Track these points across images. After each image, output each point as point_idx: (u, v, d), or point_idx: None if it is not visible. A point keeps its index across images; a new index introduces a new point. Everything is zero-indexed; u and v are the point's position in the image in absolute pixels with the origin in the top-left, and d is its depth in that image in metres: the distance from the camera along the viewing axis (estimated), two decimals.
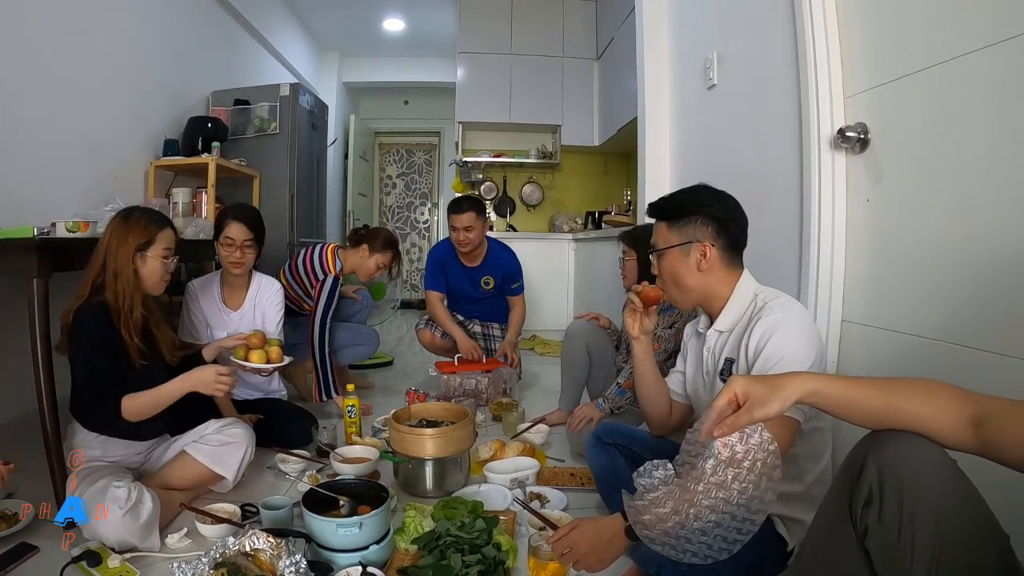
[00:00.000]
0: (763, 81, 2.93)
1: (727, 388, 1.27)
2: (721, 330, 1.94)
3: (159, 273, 2.46)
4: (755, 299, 1.87)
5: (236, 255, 3.18)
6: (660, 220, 1.99)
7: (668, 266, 1.95)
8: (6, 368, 2.95)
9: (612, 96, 6.95)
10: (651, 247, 2.01)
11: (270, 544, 1.79)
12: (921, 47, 2.03)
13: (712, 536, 1.40)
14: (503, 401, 3.76)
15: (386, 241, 4.04)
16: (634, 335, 2.14)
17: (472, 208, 4.21)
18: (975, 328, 1.83)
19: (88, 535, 2.09)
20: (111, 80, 4.12)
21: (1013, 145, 1.72)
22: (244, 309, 3.31)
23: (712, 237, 1.90)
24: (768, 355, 1.70)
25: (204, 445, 2.51)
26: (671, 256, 1.94)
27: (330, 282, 3.79)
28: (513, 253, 4.57)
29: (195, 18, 5.35)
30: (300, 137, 5.55)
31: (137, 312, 2.39)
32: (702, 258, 1.89)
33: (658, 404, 2.20)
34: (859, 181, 2.34)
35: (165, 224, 2.51)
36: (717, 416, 1.27)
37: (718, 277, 1.92)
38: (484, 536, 2.00)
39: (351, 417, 3.20)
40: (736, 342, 1.86)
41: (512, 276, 4.49)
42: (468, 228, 4.19)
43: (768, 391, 1.23)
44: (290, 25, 7.92)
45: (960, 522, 1.08)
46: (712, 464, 1.36)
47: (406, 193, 11.04)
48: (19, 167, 3.29)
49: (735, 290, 1.91)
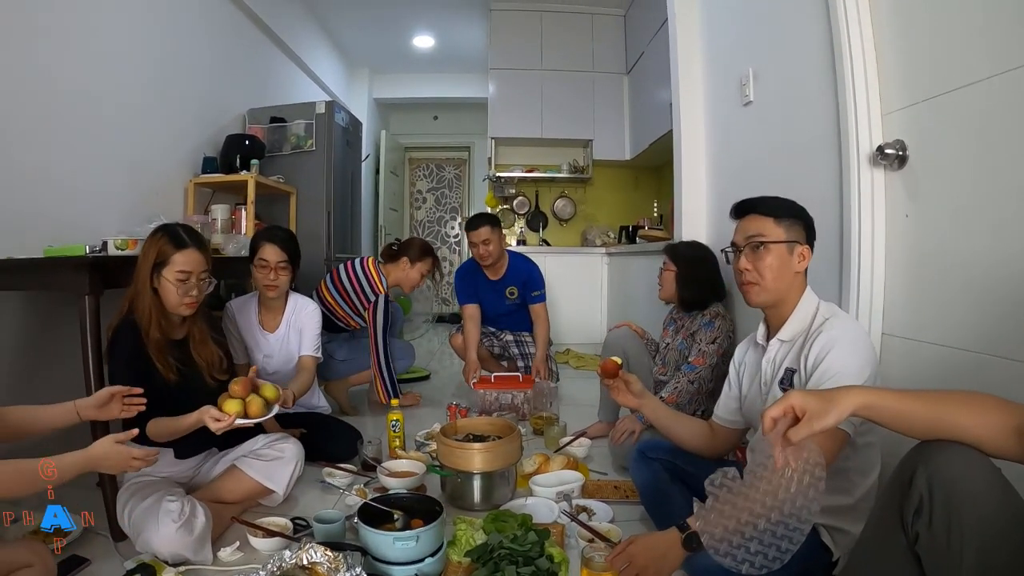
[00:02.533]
0: (800, 98, 2.94)
1: (783, 400, 1.31)
2: (784, 339, 1.96)
3: (174, 295, 2.38)
4: (817, 312, 1.91)
5: (271, 277, 3.22)
6: (762, 215, 1.98)
7: (772, 260, 1.93)
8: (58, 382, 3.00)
9: (643, 110, 6.96)
10: (751, 239, 1.98)
11: (328, 557, 1.83)
12: (957, 65, 2.05)
13: (767, 544, 1.44)
14: (544, 415, 3.79)
15: (422, 249, 4.18)
16: (633, 406, 2.27)
17: (486, 223, 4.38)
18: (1012, 341, 1.84)
19: (141, 548, 2.14)
20: (151, 100, 4.21)
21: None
22: (280, 332, 3.36)
23: (808, 242, 1.96)
24: (824, 369, 1.74)
25: (255, 460, 2.56)
26: (778, 250, 1.94)
27: (382, 301, 3.91)
28: (534, 264, 4.68)
29: (230, 38, 5.45)
30: (336, 154, 5.61)
31: (155, 331, 2.38)
32: (801, 260, 1.94)
33: (693, 440, 2.26)
34: (898, 197, 2.36)
35: (184, 245, 2.41)
36: (771, 424, 1.31)
37: (799, 284, 1.96)
38: (537, 548, 2.02)
39: (395, 431, 3.24)
40: (797, 353, 1.89)
41: (532, 284, 4.58)
42: (486, 241, 4.35)
43: (824, 404, 1.27)
44: (322, 43, 8.02)
45: (1007, 528, 1.13)
46: (769, 474, 1.40)
47: (436, 208, 11.11)
48: (65, 188, 3.37)
49: (802, 300, 1.95)
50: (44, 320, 3.18)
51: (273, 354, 3.33)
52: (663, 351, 3.38)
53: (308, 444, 2.80)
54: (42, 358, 3.15)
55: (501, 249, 4.50)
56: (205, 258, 2.47)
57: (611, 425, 3.37)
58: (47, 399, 2.05)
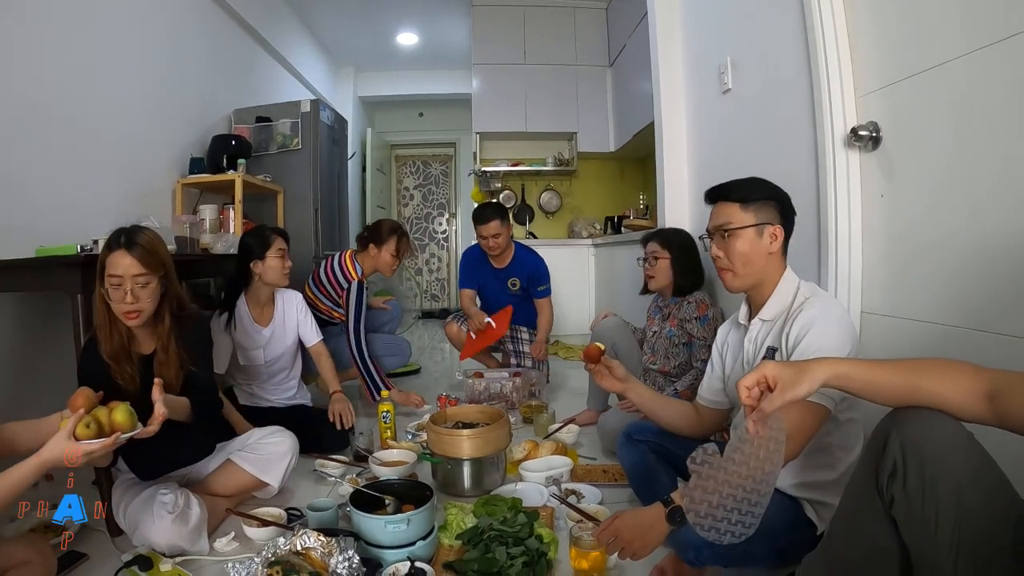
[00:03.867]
0: (776, 84, 3.00)
1: (756, 370, 1.35)
2: (765, 319, 1.99)
3: (115, 302, 2.16)
4: (798, 292, 1.93)
5: (288, 264, 3.37)
6: (730, 201, 2.00)
7: (740, 245, 1.95)
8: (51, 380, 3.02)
9: (626, 102, 7.00)
10: (719, 227, 2.00)
11: (321, 543, 1.86)
12: (929, 46, 2.10)
13: (744, 513, 1.47)
14: (533, 403, 3.82)
15: (389, 230, 4.15)
16: (617, 390, 2.26)
17: (496, 216, 4.38)
18: (988, 313, 1.90)
19: (138, 542, 2.17)
20: (139, 102, 4.23)
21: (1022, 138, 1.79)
22: (275, 323, 3.42)
23: (780, 221, 1.96)
24: (804, 347, 1.76)
25: (249, 454, 2.58)
26: (746, 235, 1.95)
27: (355, 288, 3.91)
28: (540, 258, 4.71)
29: (215, 39, 5.45)
30: (322, 152, 5.62)
31: (106, 343, 2.21)
32: (773, 240, 1.95)
33: (679, 421, 2.27)
34: (873, 177, 2.42)
35: (114, 248, 2.17)
36: (746, 393, 1.35)
37: (776, 264, 1.97)
38: (526, 529, 2.07)
39: (386, 422, 3.27)
40: (778, 332, 1.92)
41: (538, 279, 4.62)
42: (496, 235, 4.38)
43: (796, 374, 1.30)
44: (306, 42, 8.02)
45: (980, 489, 1.16)
46: (744, 446, 1.44)
47: (424, 204, 11.11)
48: (55, 191, 3.38)
49: (782, 280, 1.97)
50: (37, 321, 3.19)
51: (269, 345, 3.39)
52: (650, 339, 3.41)
53: (301, 436, 2.81)
54: (36, 359, 3.16)
55: (509, 240, 4.55)
56: (141, 261, 2.16)
57: (599, 413, 3.41)
58: (41, 400, 2.05)
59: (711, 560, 1.79)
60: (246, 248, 3.35)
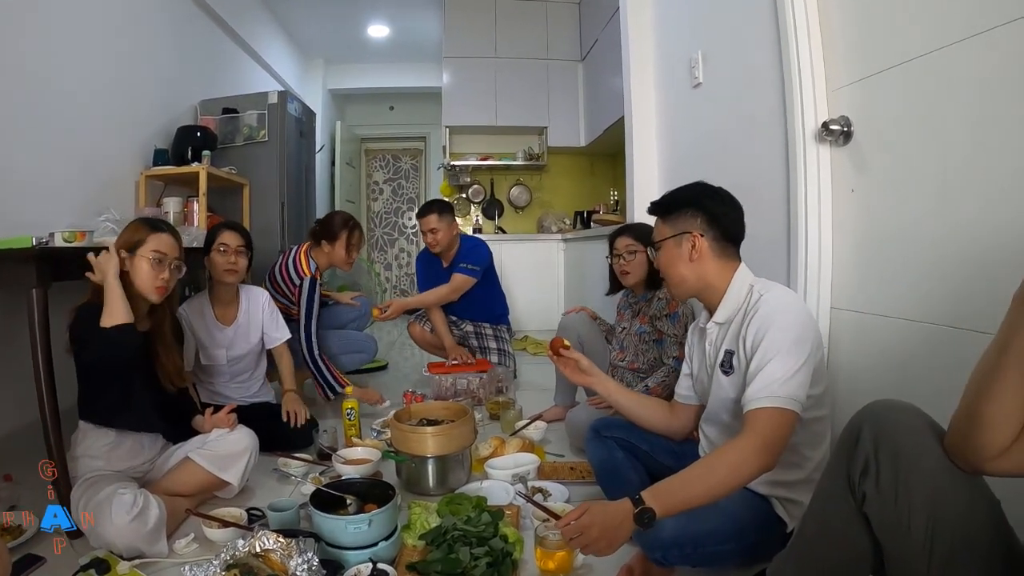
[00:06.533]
0: (748, 78, 2.98)
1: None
2: (720, 322, 1.98)
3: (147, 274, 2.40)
4: (751, 291, 1.91)
5: (231, 260, 3.24)
6: (658, 216, 2.06)
7: (663, 258, 2.01)
8: (7, 379, 2.95)
9: (597, 97, 7.00)
10: (651, 243, 2.08)
11: (280, 544, 1.82)
12: (901, 41, 2.09)
13: None
14: (500, 400, 3.79)
15: (340, 223, 4.06)
16: (584, 383, 2.31)
17: (434, 210, 4.33)
18: (959, 309, 1.89)
19: (95, 543, 2.11)
20: (100, 91, 4.12)
21: (992, 132, 1.79)
22: (239, 322, 3.36)
23: (702, 228, 1.94)
24: (762, 355, 1.74)
25: (207, 451, 2.53)
26: (666, 248, 1.99)
27: (307, 284, 3.83)
28: (482, 243, 4.67)
29: (181, 28, 5.34)
30: (289, 145, 5.55)
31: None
32: (692, 248, 1.94)
33: (652, 419, 2.26)
34: (844, 172, 2.41)
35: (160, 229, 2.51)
36: None
37: (712, 268, 1.95)
38: (491, 529, 2.04)
39: (351, 419, 3.23)
40: (735, 334, 1.90)
41: (464, 256, 4.50)
42: (433, 230, 4.31)
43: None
44: (275, 33, 7.92)
45: (953, 486, 1.14)
46: None
47: (393, 198, 11.03)
48: (13, 182, 3.29)
49: (731, 282, 1.95)
50: None
51: (231, 346, 3.33)
52: (619, 335, 3.39)
53: (263, 434, 2.76)
54: None
55: (451, 237, 4.44)
56: (179, 246, 2.56)
57: (567, 409, 3.39)
58: None
59: (679, 560, 1.78)
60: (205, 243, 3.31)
